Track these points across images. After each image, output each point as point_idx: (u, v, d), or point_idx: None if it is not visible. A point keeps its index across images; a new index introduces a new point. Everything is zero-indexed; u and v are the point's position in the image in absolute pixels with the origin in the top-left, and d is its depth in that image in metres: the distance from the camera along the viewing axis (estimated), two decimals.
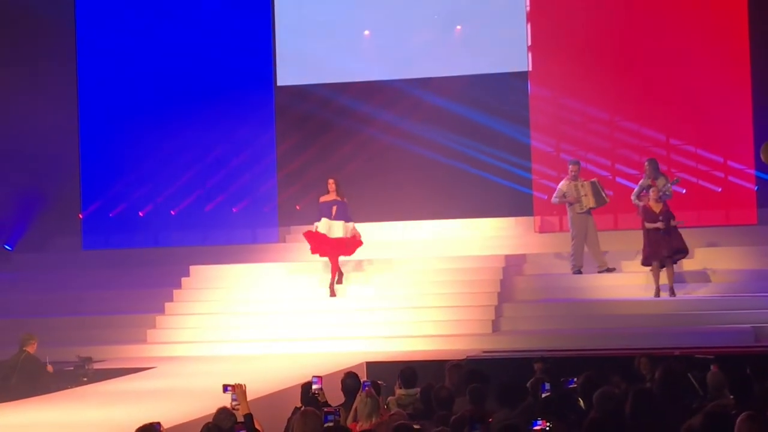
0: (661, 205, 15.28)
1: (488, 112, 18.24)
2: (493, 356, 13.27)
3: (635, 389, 7.49)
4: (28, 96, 18.13)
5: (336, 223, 15.76)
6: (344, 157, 18.88)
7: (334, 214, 15.79)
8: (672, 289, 15.11)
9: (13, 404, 10.78)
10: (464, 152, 18.32)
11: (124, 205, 19.33)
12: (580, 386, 8.60)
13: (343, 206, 15.90)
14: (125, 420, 8.72)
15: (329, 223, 15.77)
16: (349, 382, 9.89)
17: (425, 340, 14.55)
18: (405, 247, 17.38)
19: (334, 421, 7.31)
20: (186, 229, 19.01)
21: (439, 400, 8.51)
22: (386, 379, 10.77)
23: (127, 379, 12.64)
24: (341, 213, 15.82)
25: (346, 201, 15.97)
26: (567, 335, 14.35)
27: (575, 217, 16.12)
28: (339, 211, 15.82)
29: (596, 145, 18.08)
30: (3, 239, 19.23)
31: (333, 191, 15.95)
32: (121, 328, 15.68)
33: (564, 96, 18.22)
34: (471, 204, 18.19)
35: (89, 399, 11.15)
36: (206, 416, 8.79)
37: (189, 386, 11.61)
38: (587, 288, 15.93)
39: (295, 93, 19.23)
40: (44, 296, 16.99)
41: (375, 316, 15.29)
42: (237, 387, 8.60)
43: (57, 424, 9.42)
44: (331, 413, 7.45)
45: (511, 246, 17.25)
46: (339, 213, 15.80)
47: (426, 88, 18.61)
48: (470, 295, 15.47)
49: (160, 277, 16.83)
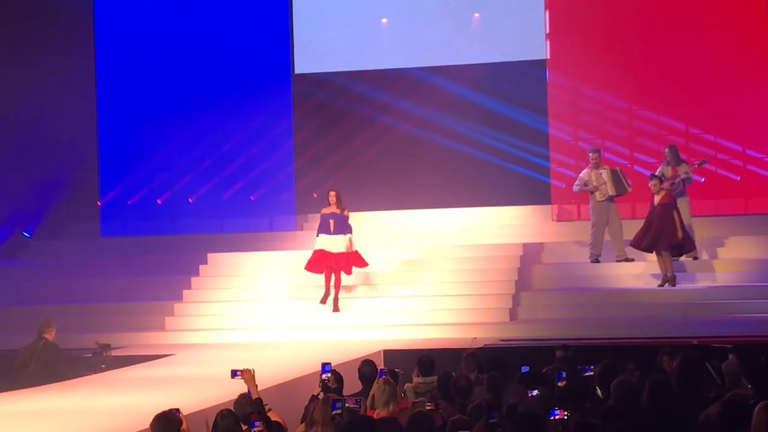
0: (662, 195, 15.14)
1: (506, 101, 18.22)
2: (511, 345, 13.27)
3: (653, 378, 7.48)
4: (47, 84, 18.18)
5: (334, 238, 15.15)
6: (361, 145, 18.90)
7: (332, 228, 15.22)
8: (672, 278, 14.99)
9: (32, 390, 10.84)
10: (482, 140, 18.31)
11: (143, 193, 19.40)
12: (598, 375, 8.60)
13: (342, 220, 15.26)
14: (144, 406, 8.77)
15: (327, 238, 15.16)
16: (366, 369, 9.91)
17: (442, 328, 14.56)
18: (422, 236, 17.38)
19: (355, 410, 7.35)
20: (204, 217, 19.06)
21: (457, 389, 8.52)
22: (403, 367, 10.78)
23: (145, 366, 12.69)
24: (339, 226, 15.21)
25: (346, 214, 15.35)
26: (584, 324, 14.32)
27: (596, 205, 16.08)
28: (337, 224, 15.20)
29: (614, 133, 18.05)
30: (22, 226, 19.31)
31: (333, 204, 15.35)
32: (140, 316, 15.74)
33: (582, 84, 18.18)
34: (489, 192, 18.18)
35: (108, 386, 11.20)
36: (224, 403, 8.84)
37: (207, 373, 11.64)
38: (605, 277, 15.90)
39: (313, 81, 19.24)
40: (62, 283, 17.07)
41: (392, 304, 15.31)
42: (245, 372, 8.65)
43: (76, 410, 9.47)
44: (339, 401, 7.48)
45: (528, 234, 17.23)
46: (337, 227, 15.19)
47: (444, 76, 18.59)
48: (487, 283, 15.46)
49: (178, 265, 16.88)
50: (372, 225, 18.24)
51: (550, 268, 16.37)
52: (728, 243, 16.27)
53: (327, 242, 15.12)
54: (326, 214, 15.35)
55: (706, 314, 14.30)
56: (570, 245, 16.80)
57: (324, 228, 15.26)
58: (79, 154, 19.23)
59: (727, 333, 12.95)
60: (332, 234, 15.14)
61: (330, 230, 15.19)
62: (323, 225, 15.27)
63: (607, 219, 16.01)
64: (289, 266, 16.37)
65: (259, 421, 7.06)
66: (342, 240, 15.12)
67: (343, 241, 15.11)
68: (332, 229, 15.17)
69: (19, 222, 19.20)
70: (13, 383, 11.56)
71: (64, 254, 18.45)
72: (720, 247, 16.21)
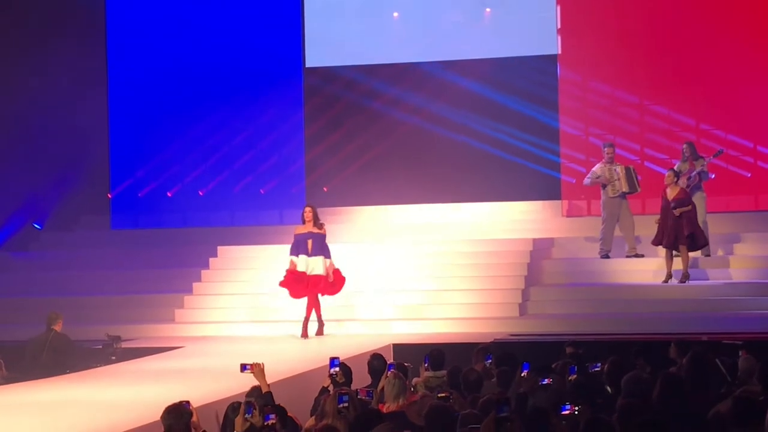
0: (677, 191, 15.13)
1: (517, 95, 18.22)
2: (520, 339, 13.28)
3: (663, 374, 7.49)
4: (58, 77, 18.21)
5: (314, 260, 13.94)
6: (372, 139, 18.90)
7: (310, 249, 13.95)
8: (684, 275, 14.98)
9: (43, 382, 10.88)
10: (492, 135, 18.30)
11: (153, 186, 19.43)
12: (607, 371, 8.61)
13: (320, 239, 14.05)
14: (154, 398, 8.79)
15: (307, 260, 13.93)
16: (376, 363, 9.95)
17: (452, 323, 14.57)
18: (432, 230, 17.39)
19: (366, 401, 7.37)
20: (214, 210, 19.09)
21: (467, 383, 8.54)
22: (413, 361, 10.79)
23: (155, 359, 12.72)
24: (318, 247, 13.97)
25: (324, 232, 14.15)
26: (594, 319, 14.31)
27: (607, 200, 16.06)
28: (316, 245, 13.96)
29: (625, 129, 18.02)
30: (32, 218, 19.36)
31: (309, 221, 14.08)
32: (150, 308, 15.78)
33: (593, 79, 18.16)
34: (499, 187, 18.18)
35: (118, 378, 11.24)
36: (234, 395, 8.87)
37: (217, 366, 11.67)
38: (614, 272, 15.88)
39: (324, 75, 19.25)
40: (73, 275, 17.12)
41: (402, 298, 15.31)
42: (255, 366, 8.67)
43: (86, 402, 9.50)
44: (345, 394, 7.50)
45: (538, 230, 17.24)
46: (316, 247, 13.95)
47: (454, 71, 18.58)
48: (497, 278, 15.46)
49: (188, 258, 16.91)
50: (381, 219, 18.28)
51: (559, 263, 16.37)
52: (739, 239, 16.24)
53: (307, 264, 13.93)
54: (302, 234, 14.10)
55: (716, 310, 14.28)
56: (580, 241, 16.80)
57: (301, 248, 14.00)
58: (90, 146, 19.26)
59: (738, 329, 12.93)
60: (311, 255, 13.96)
61: (308, 251, 13.97)
62: (299, 245, 14.02)
63: (618, 215, 16.00)
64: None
65: (273, 414, 7.09)
66: (321, 262, 13.95)
67: (321, 264, 13.94)
68: (310, 250, 13.97)
69: (30, 214, 19.24)
70: (24, 374, 11.60)
71: (74, 246, 18.49)
72: (731, 243, 16.19)
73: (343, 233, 17.60)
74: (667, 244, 15.04)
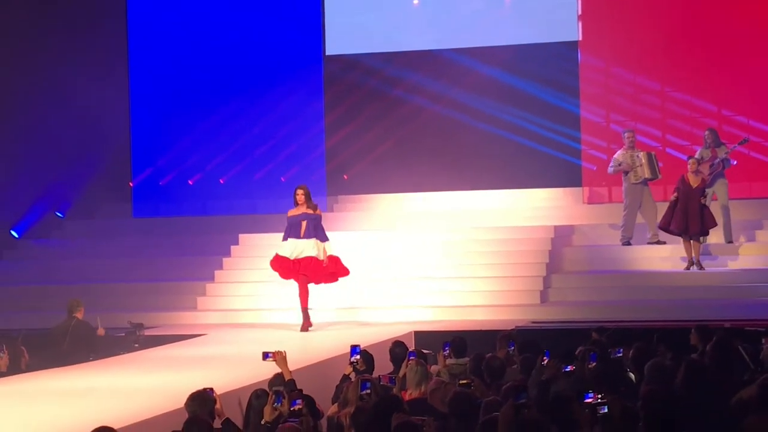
0: (699, 180, 15.10)
1: (538, 82, 18.16)
2: (542, 327, 13.28)
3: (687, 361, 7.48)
4: (79, 65, 18.26)
5: (304, 243, 13.20)
6: (392, 127, 18.89)
7: (303, 230, 13.22)
8: (698, 262, 14.96)
9: (66, 369, 10.93)
10: (513, 122, 18.25)
11: (174, 174, 19.48)
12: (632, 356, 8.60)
13: (315, 220, 13.28)
14: (178, 386, 8.83)
15: (294, 243, 13.20)
16: (398, 351, 9.96)
17: (473, 310, 14.57)
18: (453, 217, 17.38)
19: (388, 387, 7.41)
20: (235, 198, 19.13)
21: (491, 370, 8.55)
22: (435, 348, 10.80)
23: (178, 346, 12.76)
24: (312, 229, 13.20)
25: (319, 214, 13.42)
26: (615, 306, 14.31)
27: (629, 187, 16.02)
28: (309, 227, 13.21)
29: (647, 115, 17.95)
30: (54, 207, 19.45)
31: (302, 203, 13.35)
32: (172, 296, 15.83)
33: (614, 65, 18.08)
34: (519, 174, 18.15)
35: (141, 365, 11.28)
36: (257, 383, 8.89)
37: (239, 353, 11.71)
38: (636, 259, 15.86)
39: (344, 62, 19.24)
40: (95, 263, 17.19)
41: (423, 285, 15.31)
42: (277, 354, 8.70)
43: (110, 389, 9.54)
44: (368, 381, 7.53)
45: (559, 217, 17.21)
46: (309, 229, 13.20)
47: (475, 58, 18.54)
48: (518, 265, 15.45)
49: (209, 245, 16.96)
50: (402, 207, 18.27)
51: (581, 250, 16.35)
52: (761, 226, 16.18)
53: (295, 247, 13.22)
54: (295, 216, 13.36)
55: (738, 297, 14.24)
56: (601, 228, 16.77)
57: (293, 231, 13.29)
58: (112, 135, 19.32)
59: (760, 316, 12.88)
60: (302, 238, 13.22)
61: (300, 233, 13.24)
62: (292, 228, 13.31)
63: (641, 201, 15.96)
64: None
65: (300, 399, 7.13)
66: (313, 245, 13.24)
67: (313, 246, 13.23)
68: (303, 232, 13.23)
69: (51, 202, 19.33)
70: (47, 362, 11.66)
71: (96, 234, 18.57)
72: (753, 229, 16.13)
73: (364, 221, 17.63)
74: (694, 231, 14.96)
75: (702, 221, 14.87)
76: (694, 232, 14.97)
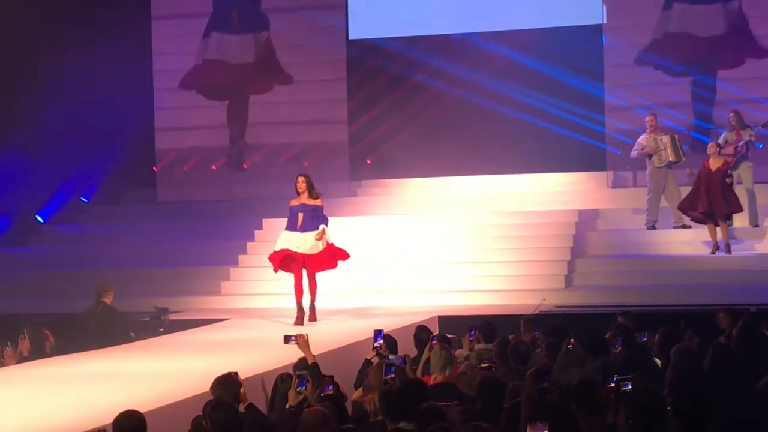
0: (721, 162, 15.01)
1: (562, 66, 18.07)
2: (566, 311, 13.25)
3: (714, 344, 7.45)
4: (104, 50, 18.28)
5: (305, 236, 12.38)
6: (415, 111, 18.86)
7: (300, 223, 12.38)
8: (727, 245, 14.89)
9: (92, 353, 10.97)
10: (537, 106, 18.18)
11: (198, 159, 19.51)
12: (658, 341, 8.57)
13: (314, 212, 12.43)
14: (203, 370, 8.84)
15: (291, 236, 12.41)
16: (422, 335, 9.97)
17: (497, 295, 14.55)
18: (477, 202, 17.34)
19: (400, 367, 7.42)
20: (258, 183, 19.13)
21: (516, 354, 8.54)
22: (459, 333, 10.80)
23: (202, 330, 12.81)
24: (309, 221, 12.34)
25: (320, 204, 12.51)
26: (639, 291, 14.26)
27: (653, 171, 15.95)
28: (307, 219, 12.35)
29: (671, 99, 17.83)
30: (79, 192, 19.53)
31: (303, 192, 12.47)
32: (196, 280, 15.87)
33: (639, 49, 17.96)
34: (543, 158, 18.07)
35: (166, 349, 11.31)
36: (281, 367, 8.92)
37: (263, 337, 11.73)
38: (660, 243, 15.79)
39: (367, 47, 19.20)
40: (120, 248, 17.26)
41: (447, 269, 15.29)
42: (299, 337, 8.72)
43: (136, 373, 9.57)
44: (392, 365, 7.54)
45: (583, 201, 17.16)
46: (307, 221, 12.35)
47: (499, 42, 18.46)
48: (542, 250, 15.42)
49: (233, 230, 16.98)
50: (426, 191, 18.24)
51: (605, 234, 16.30)
52: None
53: (292, 240, 12.42)
54: (295, 206, 12.58)
55: (765, 281, 14.14)
56: (625, 212, 16.71)
57: (291, 222, 12.51)
58: (135, 120, 19.35)
59: None
60: (299, 231, 12.41)
61: (296, 226, 12.44)
62: (291, 219, 12.55)
63: (664, 185, 15.88)
64: (343, 232, 16.36)
65: (332, 385, 7.15)
66: (311, 238, 12.39)
67: (311, 239, 12.39)
68: (299, 225, 12.41)
69: (76, 188, 19.41)
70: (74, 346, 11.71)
71: (121, 219, 18.63)
72: None
73: (387, 206, 17.63)
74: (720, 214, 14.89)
75: (726, 203, 14.79)
76: (720, 215, 14.89)
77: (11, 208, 18.45)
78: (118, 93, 18.66)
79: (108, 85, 18.44)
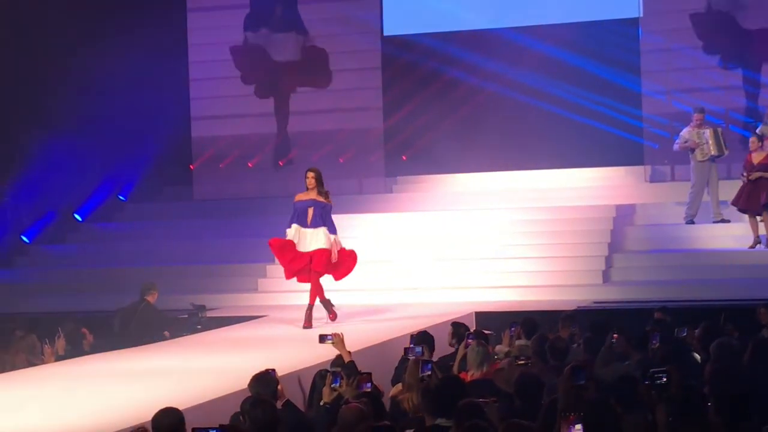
0: (763, 156, 14.90)
1: (598, 60, 17.95)
2: (604, 307, 13.17)
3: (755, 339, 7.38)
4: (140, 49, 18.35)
5: (312, 232, 11.92)
6: (450, 107, 18.81)
7: (310, 219, 11.93)
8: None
9: (132, 351, 11.03)
10: (573, 101, 18.06)
11: (234, 156, 19.55)
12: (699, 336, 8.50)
13: (323, 210, 11.96)
14: (240, 367, 8.87)
15: (300, 231, 11.93)
16: (461, 331, 9.93)
17: (535, 291, 14.49)
18: (512, 197, 17.27)
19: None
20: (294, 180, 19.12)
21: (555, 350, 8.49)
22: (496, 329, 10.76)
23: (239, 327, 12.84)
24: (319, 218, 11.90)
25: (330, 203, 12.05)
26: (678, 286, 14.17)
27: (697, 165, 15.83)
28: (317, 215, 11.91)
29: (709, 92, 17.67)
30: (116, 190, 19.64)
31: (312, 188, 12.00)
32: (233, 277, 15.92)
33: (676, 42, 17.82)
34: (580, 153, 17.97)
35: (204, 346, 11.35)
36: (317, 364, 8.92)
37: (300, 335, 11.75)
38: (699, 238, 15.67)
39: (402, 43, 19.17)
40: (157, 245, 17.32)
41: (484, 265, 15.24)
42: (335, 335, 8.72)
43: (174, 370, 9.62)
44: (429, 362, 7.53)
45: (621, 196, 17.05)
46: (316, 217, 11.91)
47: (534, 36, 18.36)
48: (580, 245, 15.34)
49: (269, 227, 16.86)
50: (461, 187, 18.18)
51: (643, 229, 16.19)
52: None
53: (301, 236, 11.96)
54: (302, 201, 12.07)
55: None
56: (663, 206, 16.59)
57: (299, 218, 12.00)
58: (172, 118, 19.42)
59: None
60: (309, 227, 11.96)
61: (306, 221, 11.95)
62: (298, 215, 12.04)
63: (708, 179, 15.76)
64: (379, 228, 16.38)
65: (370, 382, 7.15)
66: (322, 235, 11.96)
67: (323, 237, 11.95)
68: (309, 221, 11.94)
69: (114, 186, 19.52)
70: (111, 343, 11.78)
71: (158, 217, 18.70)
72: None
73: (423, 202, 17.59)
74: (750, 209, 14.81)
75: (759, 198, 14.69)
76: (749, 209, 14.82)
77: (52, 206, 18.60)
78: (155, 89, 18.72)
79: (145, 82, 18.50)
